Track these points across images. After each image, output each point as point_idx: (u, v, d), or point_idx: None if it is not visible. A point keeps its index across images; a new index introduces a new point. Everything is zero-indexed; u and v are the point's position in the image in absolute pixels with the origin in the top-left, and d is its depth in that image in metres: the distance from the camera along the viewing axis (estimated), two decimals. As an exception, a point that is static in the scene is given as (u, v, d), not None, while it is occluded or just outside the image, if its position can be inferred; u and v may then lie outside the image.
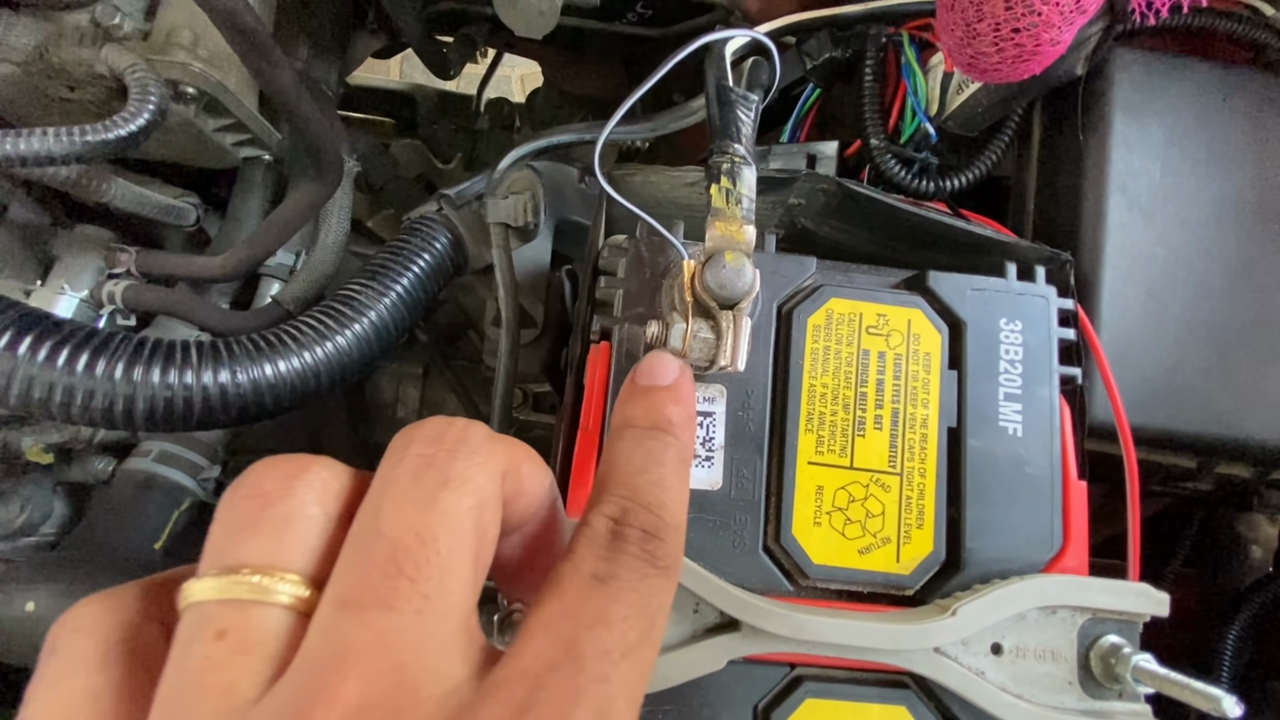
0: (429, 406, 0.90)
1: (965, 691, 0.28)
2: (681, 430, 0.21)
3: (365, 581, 0.14)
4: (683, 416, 0.21)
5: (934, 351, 0.33)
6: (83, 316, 0.54)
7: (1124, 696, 0.30)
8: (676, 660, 0.28)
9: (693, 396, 0.23)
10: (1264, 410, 0.37)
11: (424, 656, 0.14)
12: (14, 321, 0.29)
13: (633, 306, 0.32)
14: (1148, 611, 0.30)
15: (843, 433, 0.32)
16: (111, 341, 0.31)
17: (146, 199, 0.49)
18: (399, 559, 0.14)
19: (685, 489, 0.20)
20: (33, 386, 0.29)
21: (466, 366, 0.87)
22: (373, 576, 0.14)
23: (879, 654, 0.28)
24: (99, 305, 0.54)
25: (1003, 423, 0.32)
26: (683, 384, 0.22)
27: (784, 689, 0.29)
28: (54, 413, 0.30)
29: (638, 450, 0.20)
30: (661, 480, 0.19)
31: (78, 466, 0.62)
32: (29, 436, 0.52)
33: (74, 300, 0.54)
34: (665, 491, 0.19)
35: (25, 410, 0.30)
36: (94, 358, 0.30)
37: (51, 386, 0.29)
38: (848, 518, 0.31)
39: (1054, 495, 0.32)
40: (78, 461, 0.61)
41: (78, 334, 0.30)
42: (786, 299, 0.33)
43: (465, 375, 0.86)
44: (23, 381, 0.29)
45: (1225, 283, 0.38)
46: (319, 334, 0.36)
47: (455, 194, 0.45)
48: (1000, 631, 0.30)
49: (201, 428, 0.33)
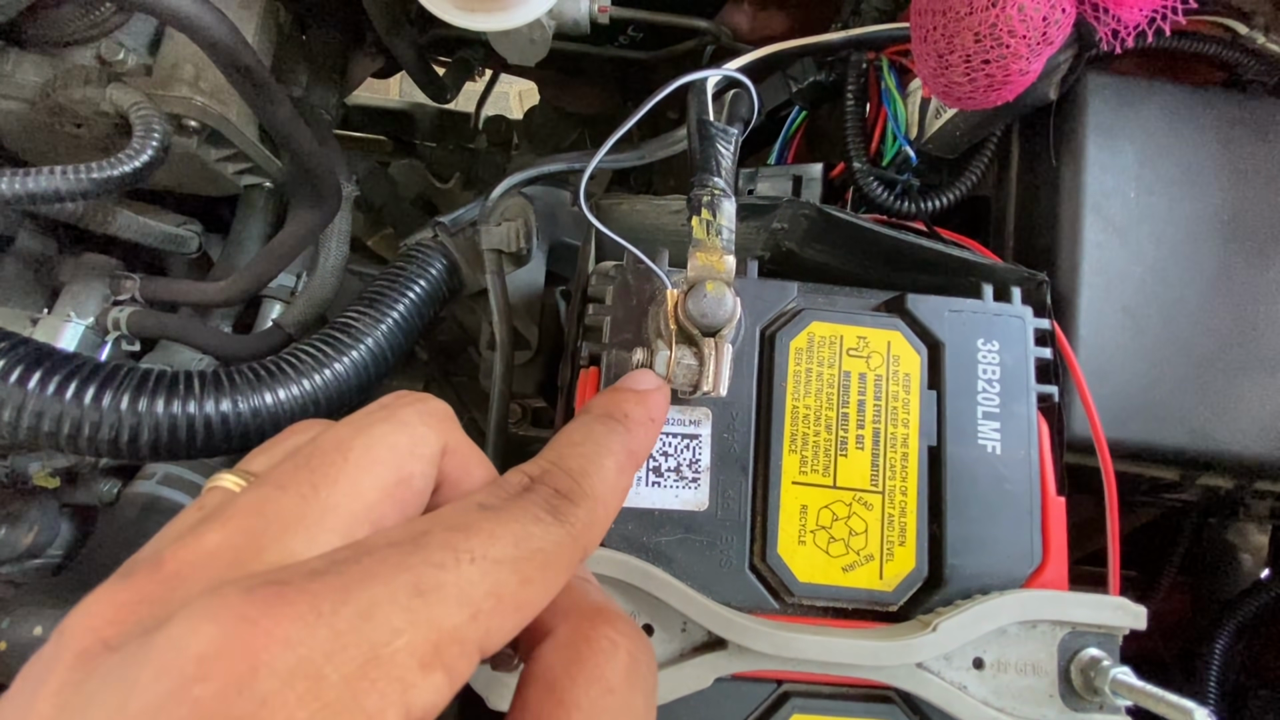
0: (429, 423, 0.91)
1: (948, 706, 0.29)
2: (635, 425, 0.21)
3: (278, 467, 0.17)
4: (641, 415, 0.22)
5: (913, 372, 0.34)
6: (88, 342, 0.55)
7: (1104, 709, 0.30)
8: (665, 679, 0.29)
9: (661, 406, 0.23)
10: (1241, 423, 0.38)
11: (285, 530, 0.15)
12: (23, 356, 0.30)
13: (620, 333, 0.33)
14: (1126, 625, 0.31)
15: (825, 453, 0.33)
16: (117, 374, 0.32)
17: (150, 229, 0.50)
18: (312, 457, 0.17)
19: (621, 477, 0.20)
20: (42, 419, 0.30)
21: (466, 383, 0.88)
22: (286, 465, 0.16)
23: (863, 670, 0.29)
24: (104, 331, 0.56)
25: (981, 440, 0.33)
26: (655, 394, 0.23)
27: (771, 705, 0.30)
28: (62, 444, 0.31)
29: (581, 429, 0.20)
30: (593, 455, 0.19)
31: (83, 489, 0.63)
32: (36, 462, 0.53)
33: (80, 327, 0.55)
34: (592, 464, 0.19)
35: (34, 443, 0.31)
36: (101, 389, 0.31)
37: (60, 418, 0.30)
38: (831, 536, 0.32)
39: (1033, 511, 0.33)
40: (83, 485, 0.63)
41: (85, 367, 0.31)
42: (769, 323, 0.34)
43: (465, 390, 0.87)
44: (32, 414, 0.30)
45: (1200, 299, 0.39)
46: (318, 362, 0.38)
47: (450, 221, 0.46)
48: (982, 646, 0.30)
49: (205, 455, 0.34)
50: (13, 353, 0.30)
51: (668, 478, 0.32)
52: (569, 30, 0.57)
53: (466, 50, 0.83)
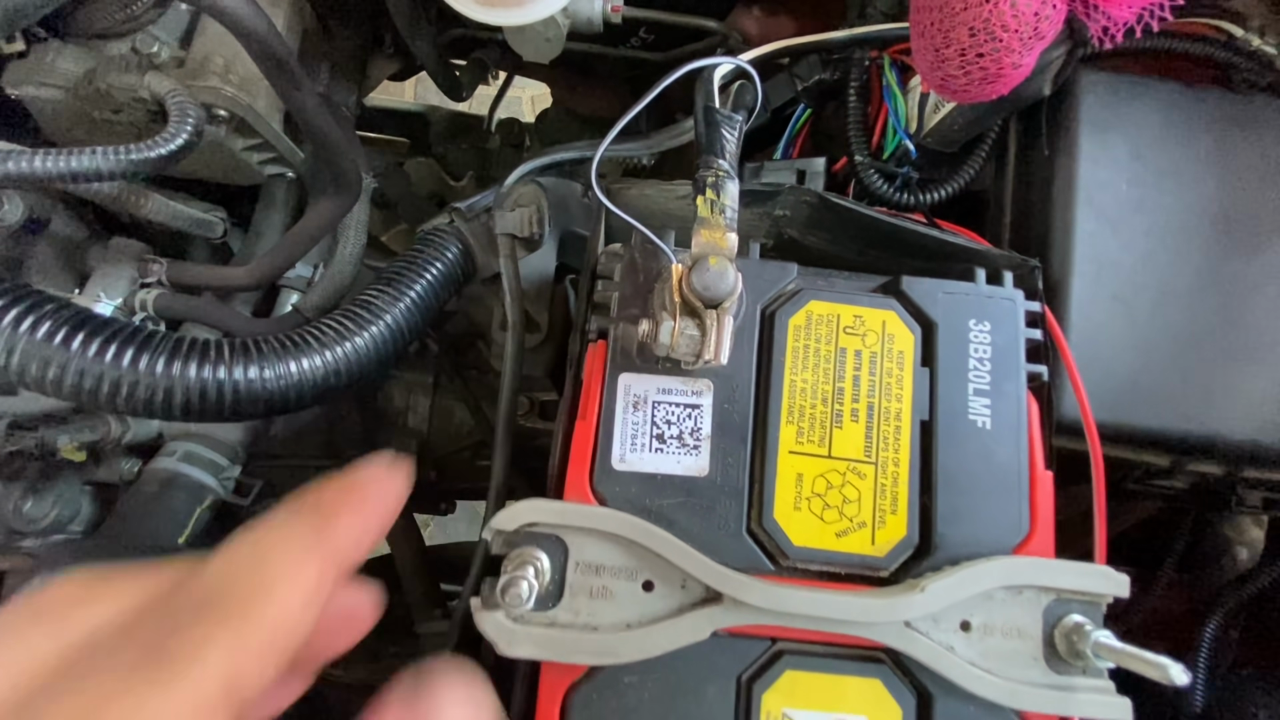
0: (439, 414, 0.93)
1: (935, 664, 0.30)
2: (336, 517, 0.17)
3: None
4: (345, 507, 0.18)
5: (907, 350, 0.35)
6: (116, 323, 0.58)
7: (1088, 673, 0.31)
8: (663, 631, 0.30)
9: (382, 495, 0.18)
10: (1228, 408, 0.39)
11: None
12: (68, 319, 0.32)
13: (627, 308, 0.35)
14: (1109, 592, 0.32)
15: (821, 424, 0.34)
16: (153, 339, 0.34)
17: (180, 212, 0.53)
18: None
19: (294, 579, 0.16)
20: (84, 378, 0.32)
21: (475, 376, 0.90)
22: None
23: (854, 626, 0.30)
24: (131, 312, 0.58)
25: (972, 416, 0.35)
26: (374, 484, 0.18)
27: (766, 662, 0.31)
28: (102, 403, 0.33)
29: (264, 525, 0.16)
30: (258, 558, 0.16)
31: (106, 467, 0.65)
32: (64, 435, 0.55)
33: (109, 307, 0.57)
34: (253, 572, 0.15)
35: (78, 401, 0.33)
36: (138, 353, 0.33)
37: (100, 378, 0.32)
38: (826, 503, 0.33)
39: (1021, 484, 0.34)
40: (106, 462, 0.65)
41: (123, 331, 0.33)
42: (769, 302, 0.35)
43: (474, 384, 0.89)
44: (75, 374, 0.32)
45: (1189, 287, 0.40)
46: (339, 335, 0.39)
47: (465, 207, 0.48)
48: (969, 610, 0.32)
49: (234, 418, 0.36)
50: (57, 315, 0.32)
51: (670, 445, 0.33)
52: (582, 29, 0.59)
53: (482, 51, 0.86)
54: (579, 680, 0.31)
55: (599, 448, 0.33)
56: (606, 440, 0.33)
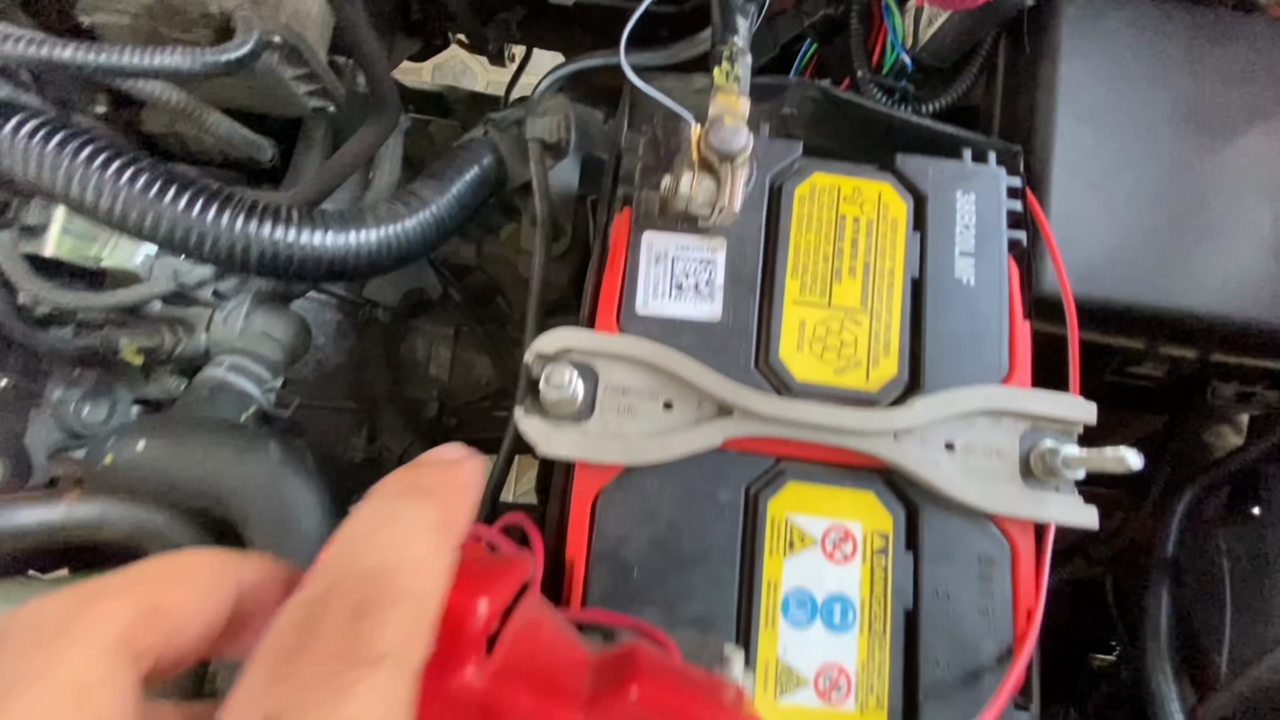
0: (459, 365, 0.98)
1: (921, 471, 0.34)
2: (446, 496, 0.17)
3: None
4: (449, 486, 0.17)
5: (900, 217, 0.39)
6: (172, 240, 0.63)
7: (1060, 490, 0.35)
8: (682, 438, 0.34)
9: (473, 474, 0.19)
10: (1194, 284, 0.43)
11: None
12: (162, 175, 0.37)
13: (650, 177, 0.39)
14: (1078, 418, 0.36)
15: (823, 279, 0.38)
16: (234, 198, 0.39)
17: (235, 130, 0.57)
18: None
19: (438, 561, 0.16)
20: (175, 228, 0.37)
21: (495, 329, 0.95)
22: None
23: (849, 437, 0.34)
24: (186, 230, 0.63)
25: (958, 274, 0.39)
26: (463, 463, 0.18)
27: (771, 475, 0.36)
28: (190, 251, 0.37)
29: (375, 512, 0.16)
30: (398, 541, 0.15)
31: (156, 383, 0.70)
32: (126, 337, 0.60)
33: (166, 224, 0.62)
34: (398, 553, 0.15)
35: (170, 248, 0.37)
36: (221, 210, 0.38)
37: (190, 230, 0.37)
38: (825, 346, 0.37)
39: (1001, 332, 0.38)
40: (156, 378, 0.70)
41: (208, 189, 0.38)
42: (777, 174, 0.40)
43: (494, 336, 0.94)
44: (169, 223, 0.36)
45: (1159, 178, 0.44)
46: (391, 217, 0.44)
47: (499, 119, 0.53)
48: (953, 432, 0.36)
49: (298, 278, 0.40)
50: (154, 170, 0.37)
51: (687, 293, 0.37)
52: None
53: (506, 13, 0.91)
54: (607, 484, 0.35)
55: (624, 296, 0.37)
56: (631, 289, 0.37)
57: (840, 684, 0.33)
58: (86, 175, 0.35)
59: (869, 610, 0.34)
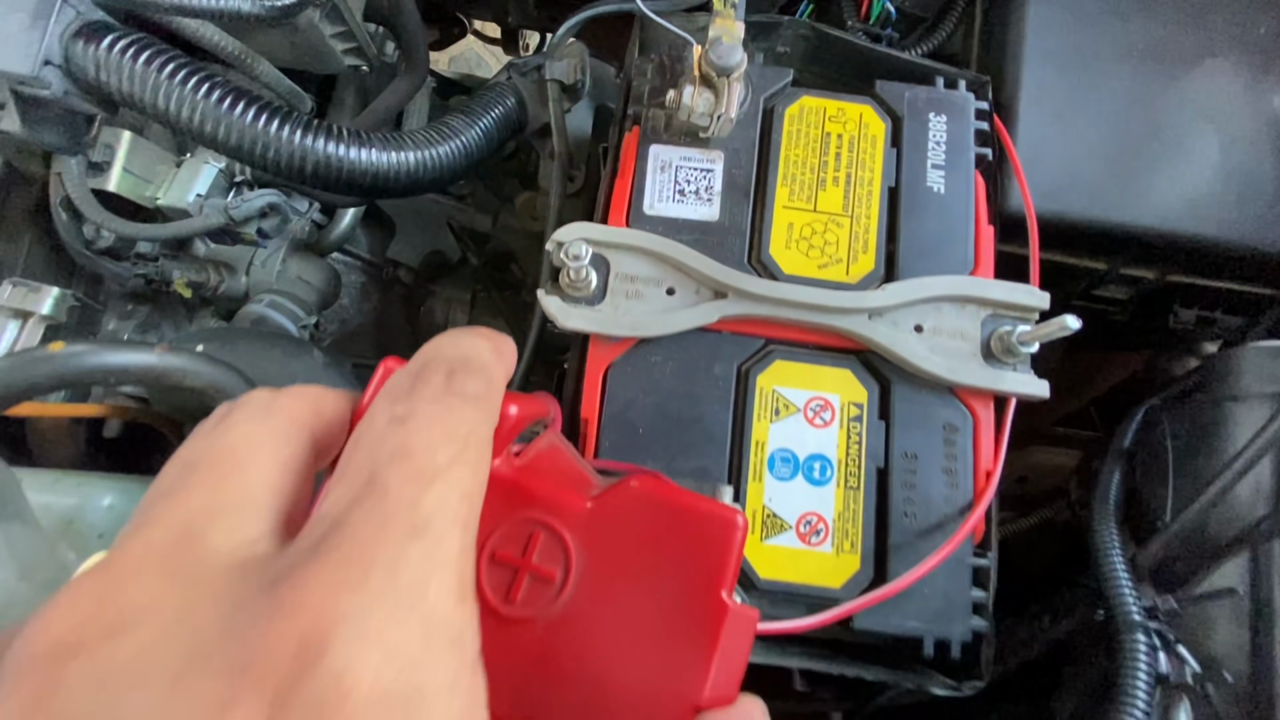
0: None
1: (892, 346, 0.39)
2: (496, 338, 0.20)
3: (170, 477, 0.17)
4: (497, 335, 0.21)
5: (879, 135, 0.44)
6: (219, 184, 0.68)
7: (1017, 369, 0.40)
8: (682, 316, 0.39)
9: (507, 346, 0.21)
10: (1151, 202, 0.47)
11: (213, 520, 0.16)
12: (233, 89, 0.42)
13: (656, 96, 0.44)
14: (1033, 304, 0.40)
15: (809, 187, 0.43)
16: (292, 115, 0.44)
17: (282, 80, 0.63)
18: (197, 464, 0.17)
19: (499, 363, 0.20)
20: (244, 138, 0.42)
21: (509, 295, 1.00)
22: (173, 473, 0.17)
23: (829, 314, 0.39)
24: (231, 175, 0.68)
25: (930, 184, 0.43)
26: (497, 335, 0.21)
27: (760, 354, 0.40)
28: (255, 161, 0.42)
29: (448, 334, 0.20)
30: (467, 343, 0.19)
31: (199, 320, 0.75)
32: (178, 270, 0.65)
33: (214, 169, 0.68)
34: (471, 347, 0.19)
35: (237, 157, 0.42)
36: (282, 124, 0.43)
37: (255, 140, 0.42)
38: (810, 244, 0.42)
39: (968, 233, 0.43)
40: (199, 319, 0.75)
41: (271, 105, 0.43)
42: (770, 96, 0.45)
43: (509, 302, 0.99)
44: (237, 134, 0.42)
45: (1119, 108, 0.48)
46: (429, 142, 0.49)
47: (521, 63, 0.58)
48: (921, 315, 0.40)
49: (347, 191, 0.45)
50: (225, 85, 0.42)
51: (689, 197, 0.42)
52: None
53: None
54: (617, 358, 0.40)
55: (633, 199, 0.42)
56: (639, 193, 0.42)
57: (819, 529, 0.38)
58: (170, 89, 0.40)
59: (845, 468, 0.39)
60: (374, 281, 0.97)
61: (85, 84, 0.40)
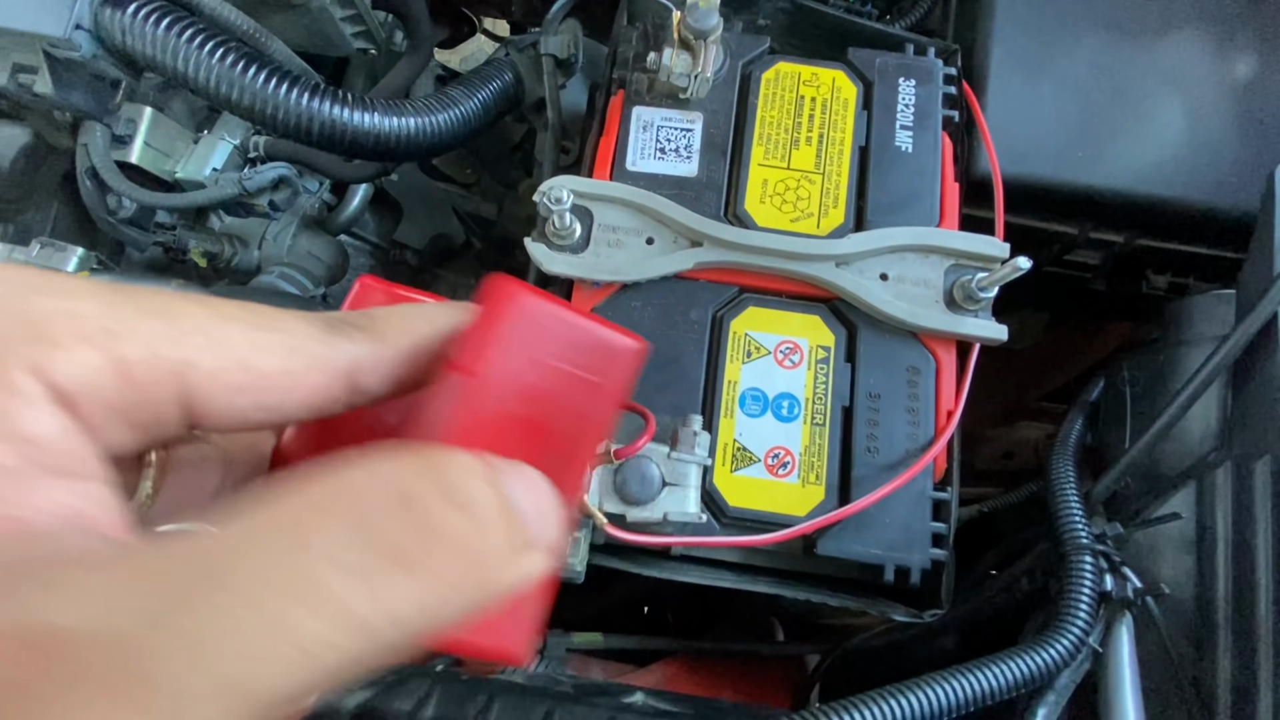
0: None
1: (858, 292, 0.41)
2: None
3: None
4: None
5: (851, 98, 0.47)
6: (234, 160, 0.72)
7: (978, 315, 0.42)
8: (660, 262, 0.42)
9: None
10: (1113, 166, 0.49)
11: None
12: (246, 54, 0.46)
13: (639, 61, 0.47)
14: (995, 254, 0.42)
15: (783, 146, 0.45)
16: (300, 79, 0.47)
17: (292, 58, 0.66)
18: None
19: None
20: (255, 100, 0.45)
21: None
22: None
23: (798, 260, 0.41)
24: (246, 151, 0.72)
25: (898, 144, 0.46)
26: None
27: (735, 301, 0.43)
28: (265, 122, 0.46)
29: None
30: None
31: (213, 291, 0.79)
32: (194, 239, 0.69)
33: (229, 145, 0.71)
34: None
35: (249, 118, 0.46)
36: (291, 87, 0.46)
37: (265, 103, 0.45)
38: (784, 200, 0.44)
39: (934, 189, 0.45)
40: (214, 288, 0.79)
41: (281, 69, 0.47)
42: (748, 62, 0.47)
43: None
44: (250, 96, 0.45)
45: (1086, 76, 0.51)
46: (429, 109, 0.52)
47: (518, 40, 0.61)
48: (887, 265, 0.43)
49: (350, 153, 0.48)
50: (238, 52, 0.45)
51: (669, 155, 0.45)
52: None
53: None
54: (599, 303, 0.42)
55: (616, 156, 0.45)
56: (622, 151, 0.45)
57: (786, 462, 0.40)
58: (189, 54, 0.43)
59: (811, 406, 0.41)
60: (380, 263, 1.00)
61: (112, 47, 0.43)
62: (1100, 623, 0.34)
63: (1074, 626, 0.33)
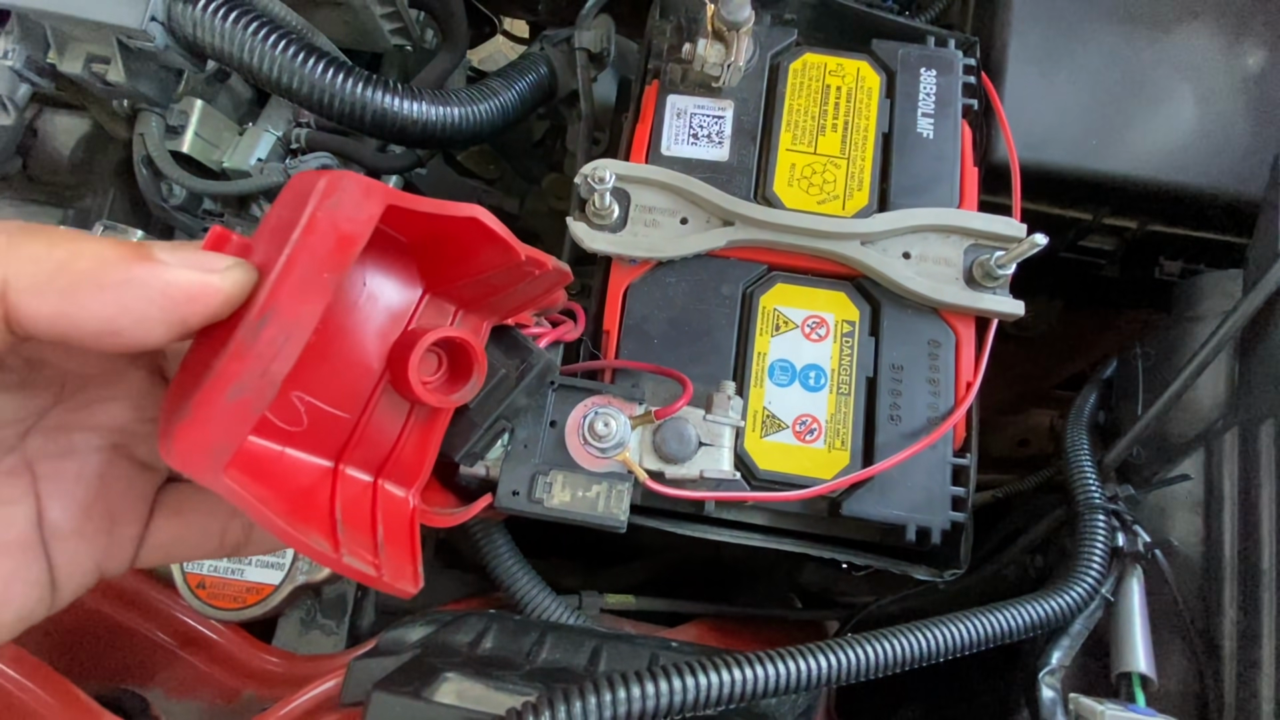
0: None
1: (881, 269, 0.43)
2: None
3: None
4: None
5: (874, 87, 0.49)
6: (276, 152, 0.75)
7: (996, 293, 0.44)
8: (694, 239, 0.44)
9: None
10: (1130, 151, 0.51)
11: None
12: (304, 45, 0.49)
13: (675, 52, 0.49)
14: (1011, 234, 0.44)
15: (810, 132, 0.48)
16: (354, 69, 0.50)
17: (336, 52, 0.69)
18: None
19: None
20: (313, 89, 0.48)
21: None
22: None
23: (825, 239, 0.44)
24: (288, 143, 0.75)
25: (919, 130, 0.48)
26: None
27: (764, 278, 0.45)
28: (321, 109, 0.49)
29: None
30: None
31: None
32: (240, 226, 0.72)
33: (272, 137, 0.74)
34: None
35: (306, 105, 0.49)
36: (346, 77, 0.49)
37: (322, 91, 0.48)
38: (810, 183, 0.47)
39: (954, 173, 0.47)
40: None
41: (337, 59, 0.50)
42: (776, 53, 0.50)
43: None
44: (307, 84, 0.48)
45: (1103, 65, 0.53)
46: (473, 100, 0.55)
47: (552, 34, 0.64)
48: (909, 244, 0.45)
49: (397, 139, 0.51)
50: (298, 39, 0.48)
51: (702, 140, 0.47)
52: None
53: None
54: (635, 279, 0.45)
55: (652, 142, 0.47)
56: (657, 137, 0.48)
57: (813, 429, 0.43)
58: (253, 45, 0.46)
59: (837, 376, 0.44)
60: (409, 254, 1.03)
61: (183, 39, 0.47)
62: (1112, 575, 0.36)
63: (1088, 575, 0.35)
